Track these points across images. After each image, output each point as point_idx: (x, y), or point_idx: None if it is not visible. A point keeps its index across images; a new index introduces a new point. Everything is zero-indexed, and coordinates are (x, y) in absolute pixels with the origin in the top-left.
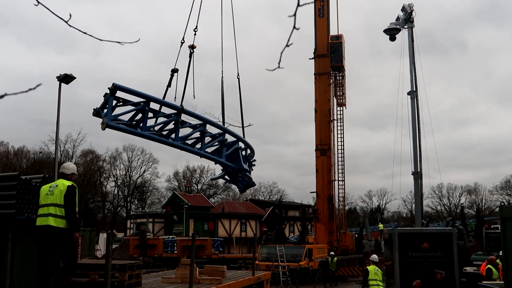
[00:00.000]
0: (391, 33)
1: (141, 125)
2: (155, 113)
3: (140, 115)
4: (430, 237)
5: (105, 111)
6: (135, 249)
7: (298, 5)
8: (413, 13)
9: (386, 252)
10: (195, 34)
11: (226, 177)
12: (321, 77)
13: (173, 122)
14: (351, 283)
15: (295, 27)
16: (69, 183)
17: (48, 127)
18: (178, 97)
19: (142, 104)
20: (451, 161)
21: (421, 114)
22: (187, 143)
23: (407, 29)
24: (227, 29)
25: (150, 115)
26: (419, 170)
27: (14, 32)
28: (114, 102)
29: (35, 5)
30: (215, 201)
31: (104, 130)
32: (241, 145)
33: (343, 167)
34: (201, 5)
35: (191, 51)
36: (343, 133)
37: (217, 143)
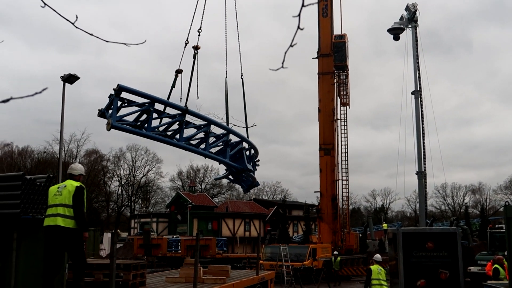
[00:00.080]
0: (395, 32)
1: (146, 125)
2: (159, 113)
3: (144, 115)
4: (434, 237)
5: (110, 112)
6: (139, 249)
7: (302, 5)
8: (417, 12)
9: (390, 251)
10: (199, 35)
11: (230, 177)
12: (324, 76)
13: (178, 122)
14: (355, 283)
15: (299, 27)
16: (77, 183)
17: (52, 127)
18: (182, 97)
19: (146, 105)
20: (455, 160)
21: (425, 113)
22: (192, 143)
23: (411, 29)
24: (231, 28)
25: (154, 115)
26: (423, 169)
27: (17, 31)
28: (119, 103)
29: (42, 7)
30: (218, 200)
31: (109, 130)
32: (245, 145)
33: (347, 166)
34: (205, 5)
35: (195, 52)
36: (346, 133)
37: (221, 144)
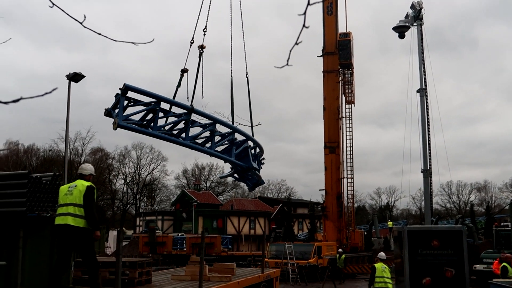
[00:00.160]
0: (400, 30)
1: (152, 124)
2: (165, 112)
3: (150, 115)
4: (440, 235)
5: (117, 111)
6: (145, 247)
7: (308, 3)
8: (422, 10)
9: (395, 249)
10: (205, 34)
11: (235, 175)
12: (329, 74)
13: (183, 121)
14: (360, 281)
15: (304, 26)
16: (88, 183)
17: (57, 125)
18: (188, 96)
19: (152, 104)
20: (460, 158)
21: (430, 111)
22: (197, 142)
23: (416, 27)
24: (236, 27)
25: (160, 114)
26: (428, 167)
27: (23, 30)
28: (125, 102)
29: (50, 7)
30: (223, 198)
31: (115, 130)
32: (250, 143)
33: (352, 164)
34: (210, 5)
35: (201, 51)
36: (351, 131)
37: (226, 142)
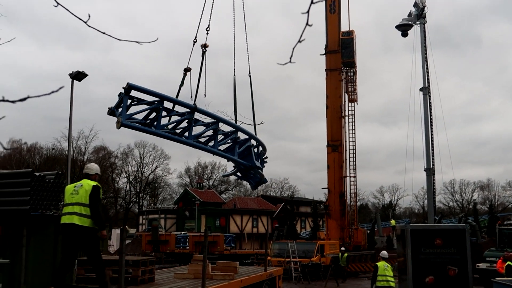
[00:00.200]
0: (403, 29)
1: (155, 123)
2: (168, 111)
3: (154, 114)
4: (443, 234)
5: (120, 110)
6: (148, 245)
7: (311, 2)
8: (426, 8)
9: (398, 248)
10: (208, 33)
11: (238, 174)
12: (332, 73)
13: (187, 120)
14: (362, 279)
15: (308, 24)
16: (94, 183)
17: (60, 123)
18: (190, 95)
19: (156, 103)
20: (463, 157)
21: (433, 109)
22: (200, 141)
23: (419, 25)
24: (238, 25)
25: (164, 113)
26: (431, 166)
27: (26, 29)
28: (128, 101)
29: (55, 6)
30: (226, 197)
31: (119, 129)
32: (253, 142)
33: (354, 163)
34: (213, 4)
35: (204, 50)
36: (354, 129)
37: (229, 141)
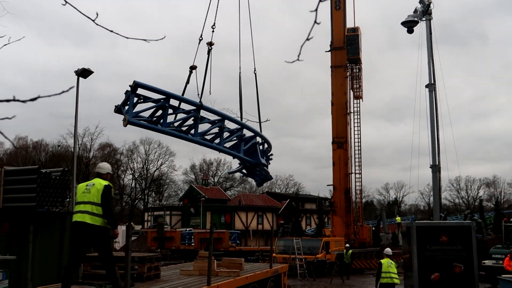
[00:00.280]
0: (409, 25)
1: (162, 121)
2: (175, 109)
3: (160, 111)
4: (448, 231)
5: (127, 108)
6: (153, 241)
7: (320, 0)
8: (431, 5)
9: (404, 245)
10: (213, 31)
11: (243, 171)
12: (337, 69)
13: (193, 118)
14: (368, 276)
15: (316, 22)
16: (105, 182)
17: (66, 120)
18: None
19: (162, 100)
20: (470, 153)
21: (439, 106)
22: (206, 138)
23: (425, 21)
24: (244, 22)
25: (170, 111)
26: (437, 163)
27: (31, 25)
28: (135, 99)
29: (63, 5)
30: (231, 194)
31: (125, 126)
32: (259, 139)
33: (360, 159)
34: (218, 2)
35: (209, 48)
36: (359, 126)
37: (235, 138)
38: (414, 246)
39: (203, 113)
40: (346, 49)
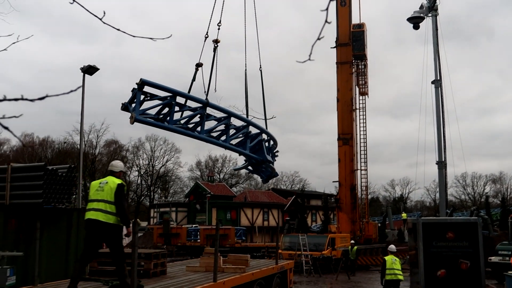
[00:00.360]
0: (415, 21)
1: (168, 118)
2: (181, 107)
3: (167, 109)
4: (455, 227)
5: (133, 105)
6: (159, 238)
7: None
8: (437, 0)
9: (410, 241)
10: (219, 28)
11: (249, 167)
12: (343, 66)
13: (199, 115)
14: (373, 272)
15: (326, 21)
16: (119, 181)
17: (72, 117)
18: (201, 89)
19: (168, 98)
20: (476, 150)
21: (445, 102)
22: (212, 135)
23: (431, 17)
24: (249, 18)
25: (176, 109)
26: (443, 159)
27: (37, 22)
28: (142, 96)
29: (71, 3)
30: (237, 190)
31: (132, 124)
32: (264, 136)
33: (365, 156)
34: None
35: (215, 46)
36: (365, 122)
37: (241, 135)
38: (420, 242)
39: (209, 111)
40: (351, 46)
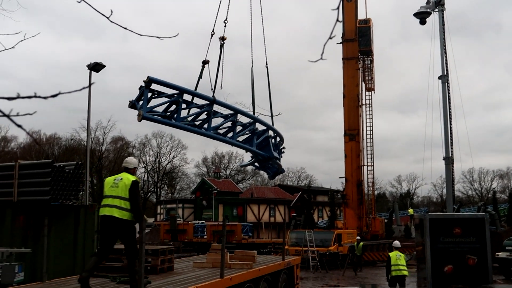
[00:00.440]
0: (421, 17)
1: (175, 116)
2: (188, 104)
3: (174, 106)
4: (462, 223)
5: (141, 103)
6: (166, 234)
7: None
8: None
9: (417, 237)
10: (225, 26)
11: (256, 164)
12: (349, 61)
13: (206, 112)
14: (380, 268)
15: (338, 20)
16: (133, 178)
17: (78, 114)
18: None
19: (175, 95)
20: (483, 145)
21: (452, 97)
22: (219, 132)
23: (437, 12)
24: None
25: (183, 106)
26: (450, 155)
27: (44, 19)
28: (149, 94)
29: (78, 2)
30: (243, 186)
31: (140, 121)
32: (271, 133)
33: (372, 152)
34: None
35: (222, 43)
36: (372, 118)
37: (248, 132)
38: (427, 238)
39: (216, 108)
40: (357, 41)
